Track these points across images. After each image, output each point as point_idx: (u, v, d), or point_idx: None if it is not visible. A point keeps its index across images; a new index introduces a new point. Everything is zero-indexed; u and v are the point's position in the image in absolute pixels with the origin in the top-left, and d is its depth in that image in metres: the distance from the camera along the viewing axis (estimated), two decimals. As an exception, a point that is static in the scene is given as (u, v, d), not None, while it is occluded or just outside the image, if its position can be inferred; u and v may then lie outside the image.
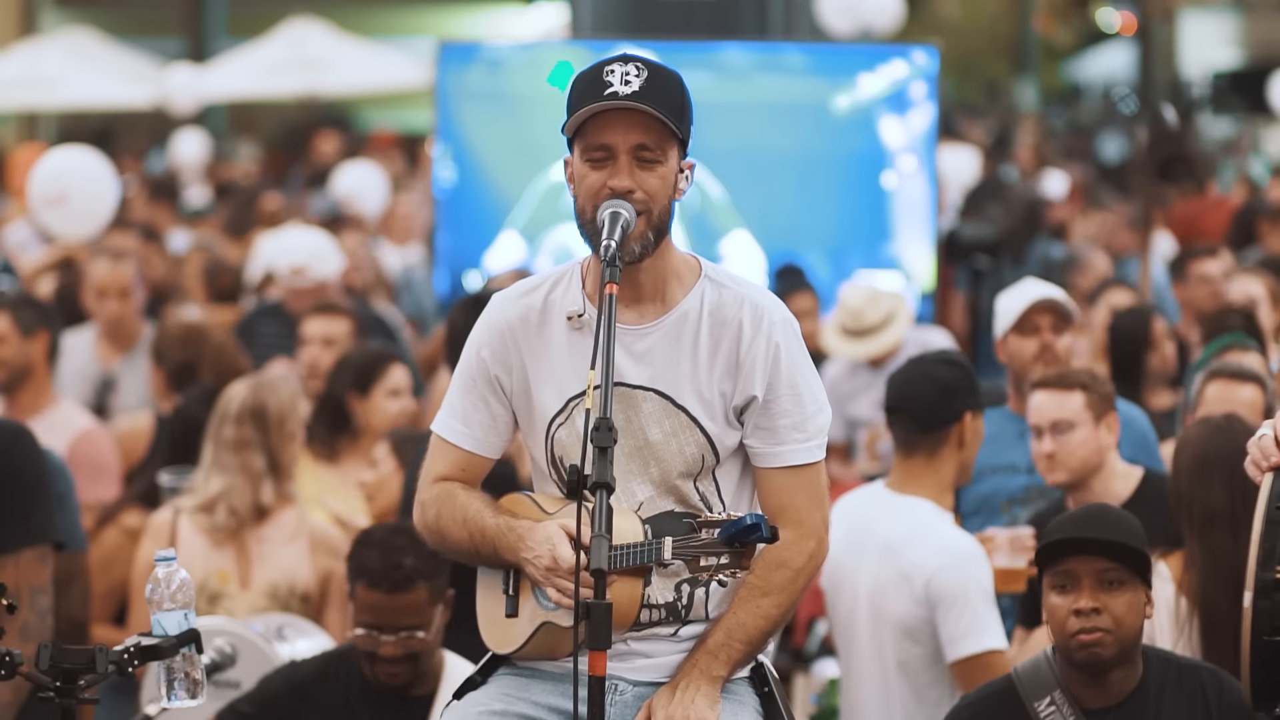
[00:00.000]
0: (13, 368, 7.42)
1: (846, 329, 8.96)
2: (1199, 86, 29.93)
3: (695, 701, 3.94)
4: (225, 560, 6.20)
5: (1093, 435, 5.68)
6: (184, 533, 6.22)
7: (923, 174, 11.07)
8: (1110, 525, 4.63)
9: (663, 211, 3.96)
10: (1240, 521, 5.03)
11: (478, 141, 11.12)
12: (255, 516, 6.23)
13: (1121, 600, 4.55)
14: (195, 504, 6.25)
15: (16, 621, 4.85)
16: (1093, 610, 4.54)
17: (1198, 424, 5.39)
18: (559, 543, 3.87)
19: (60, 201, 10.03)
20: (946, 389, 5.50)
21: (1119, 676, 4.60)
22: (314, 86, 20.76)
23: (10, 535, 5.22)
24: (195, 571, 6.17)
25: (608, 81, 3.91)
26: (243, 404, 6.29)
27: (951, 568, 5.37)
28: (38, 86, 20.65)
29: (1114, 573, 4.57)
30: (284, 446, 6.31)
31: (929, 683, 5.46)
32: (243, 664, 5.48)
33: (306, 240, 9.85)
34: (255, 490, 6.22)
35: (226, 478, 6.23)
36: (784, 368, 4.03)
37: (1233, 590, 5.00)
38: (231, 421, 6.26)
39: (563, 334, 4.05)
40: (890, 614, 5.46)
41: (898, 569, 5.42)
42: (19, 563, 5.20)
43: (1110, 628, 4.54)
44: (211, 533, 6.20)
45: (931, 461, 5.49)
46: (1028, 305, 6.47)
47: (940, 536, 5.45)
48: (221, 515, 6.20)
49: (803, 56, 11.66)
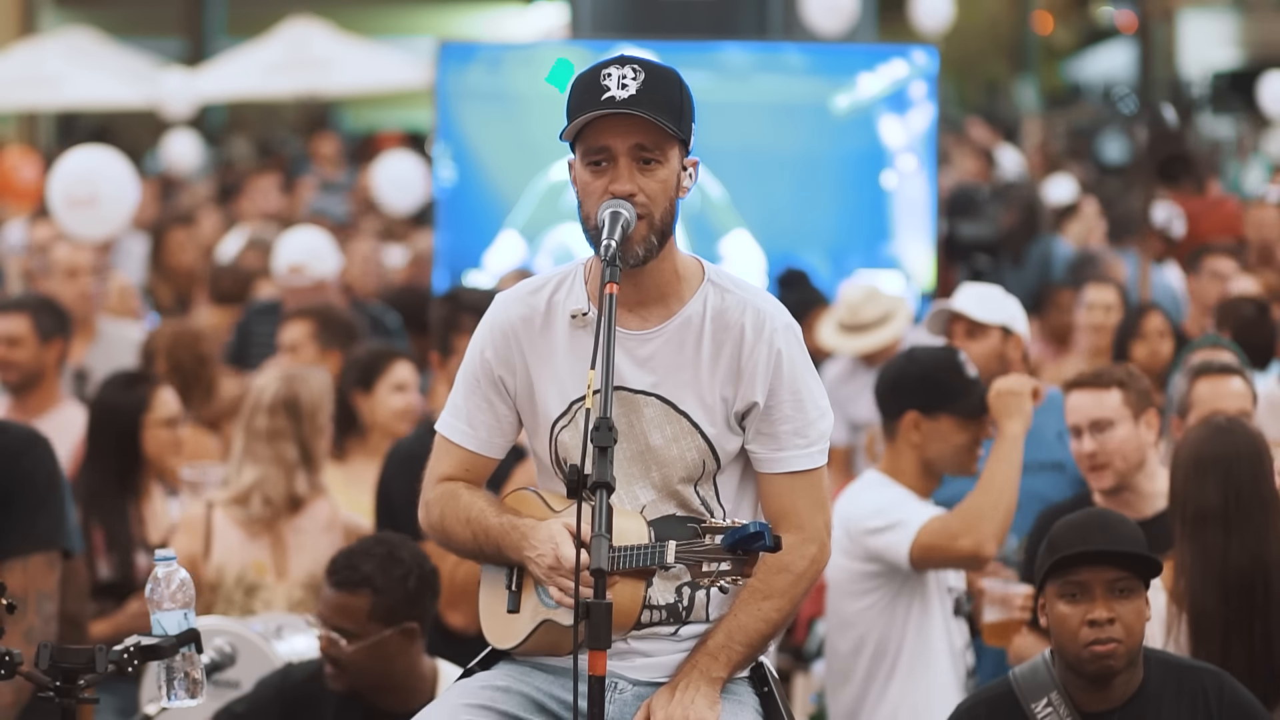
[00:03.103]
0: (27, 371, 7.44)
1: (843, 324, 8.95)
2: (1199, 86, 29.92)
3: (695, 702, 3.94)
4: (261, 552, 6.21)
5: (1133, 433, 5.64)
6: (219, 525, 6.24)
7: (922, 174, 11.07)
8: (1116, 533, 4.62)
9: (664, 214, 3.95)
10: (1233, 523, 5.03)
11: (478, 141, 11.12)
12: (290, 507, 6.25)
13: (1132, 609, 4.56)
14: (229, 496, 6.26)
15: (21, 625, 4.89)
16: (1108, 621, 4.54)
17: (1199, 424, 5.38)
18: (562, 541, 3.87)
19: (88, 203, 10.03)
20: (892, 383, 5.72)
21: (1122, 681, 4.60)
22: (314, 86, 20.75)
23: (20, 540, 5.22)
24: (232, 564, 6.20)
25: (605, 85, 3.90)
26: (275, 395, 6.31)
27: (862, 508, 5.58)
28: (37, 86, 20.64)
29: (1125, 582, 4.57)
30: (316, 438, 6.33)
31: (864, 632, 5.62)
32: (242, 664, 5.48)
33: (305, 239, 9.84)
34: (289, 480, 6.24)
35: (260, 468, 6.24)
36: (786, 373, 4.03)
37: (1221, 591, 5.01)
38: (264, 412, 6.28)
39: (565, 335, 4.05)
40: (835, 575, 5.63)
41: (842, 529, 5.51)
42: (27, 567, 5.19)
43: (1122, 637, 4.55)
44: (247, 524, 6.22)
45: (892, 447, 5.69)
46: (939, 318, 6.51)
47: (859, 493, 5.64)
48: (256, 506, 6.22)
49: (803, 56, 11.67)
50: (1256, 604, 4.99)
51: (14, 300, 7.87)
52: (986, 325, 6.40)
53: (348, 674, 5.13)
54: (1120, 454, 5.63)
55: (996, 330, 6.41)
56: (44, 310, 7.62)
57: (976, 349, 6.35)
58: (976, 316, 6.40)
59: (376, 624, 5.11)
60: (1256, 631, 4.99)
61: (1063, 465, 6.31)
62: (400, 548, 5.16)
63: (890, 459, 5.72)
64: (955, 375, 5.67)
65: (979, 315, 6.41)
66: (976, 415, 5.63)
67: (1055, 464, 6.35)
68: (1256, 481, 5.09)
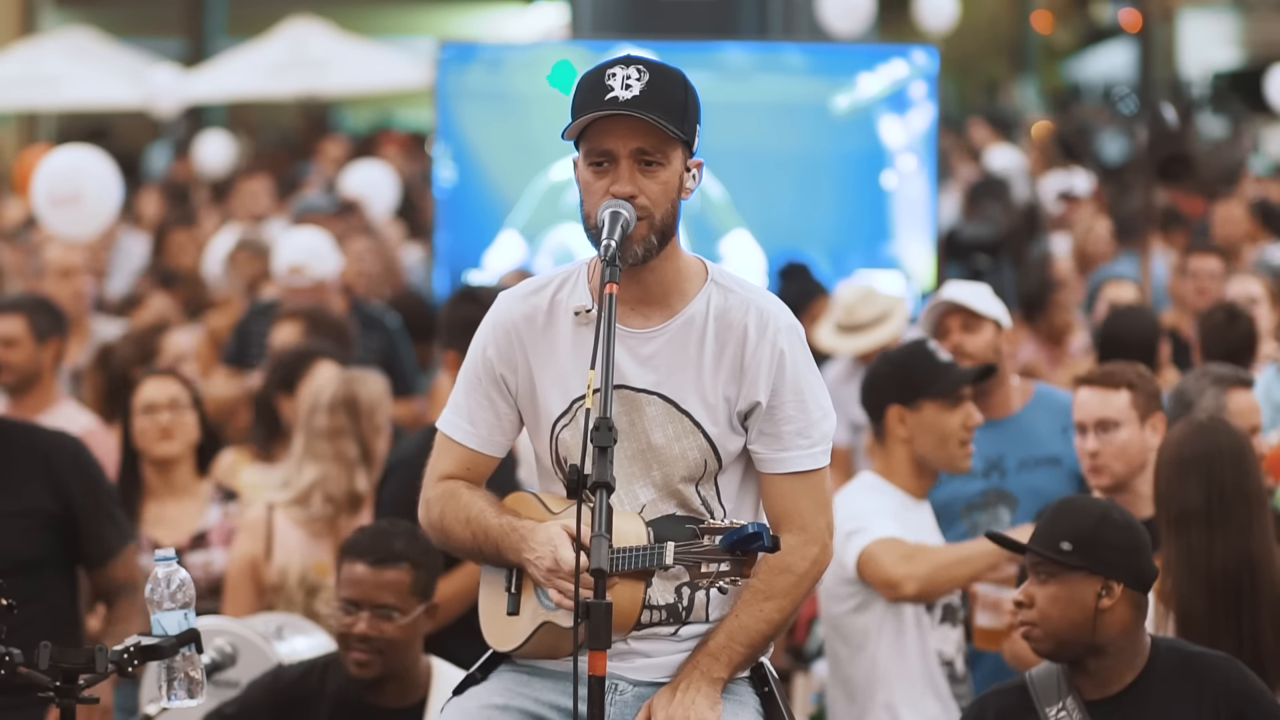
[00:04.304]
0: (22, 372, 7.43)
1: (840, 325, 8.95)
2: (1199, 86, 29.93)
3: (695, 702, 3.94)
4: (323, 552, 6.23)
5: (1138, 435, 5.65)
6: (280, 527, 6.26)
7: (922, 174, 11.07)
8: (1048, 522, 4.66)
9: (666, 215, 3.95)
10: (1216, 522, 5.04)
11: (478, 141, 11.13)
12: (350, 506, 6.26)
13: (1047, 593, 4.58)
14: (289, 498, 6.28)
15: (136, 606, 5.47)
16: (1023, 603, 4.62)
17: (1181, 423, 5.40)
18: (561, 544, 3.87)
19: (72, 201, 10.03)
20: (870, 385, 5.78)
21: (1098, 667, 4.60)
22: (314, 86, 20.74)
23: (112, 538, 5.64)
24: (293, 565, 6.21)
25: (609, 86, 3.91)
26: (335, 394, 6.35)
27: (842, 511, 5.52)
28: (38, 86, 20.64)
29: (1043, 566, 4.61)
30: (374, 437, 6.36)
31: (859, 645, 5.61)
32: (243, 664, 5.48)
33: (305, 239, 9.84)
34: (350, 478, 6.26)
35: (320, 466, 6.27)
36: (788, 374, 4.03)
37: (1207, 590, 5.02)
38: (324, 411, 6.31)
39: (568, 334, 4.05)
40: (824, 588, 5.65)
41: None
42: (125, 559, 5.64)
43: (1035, 620, 4.59)
44: (309, 524, 6.24)
45: (883, 448, 5.73)
46: (934, 312, 6.51)
47: (854, 500, 5.63)
48: (317, 505, 6.24)
49: (803, 56, 11.68)
50: (1243, 601, 5.02)
51: (9, 301, 7.86)
52: (983, 318, 6.41)
53: (385, 657, 5.15)
54: (1122, 456, 5.64)
55: (991, 323, 6.42)
56: (40, 310, 7.61)
57: (974, 342, 6.36)
58: (976, 307, 6.41)
59: (415, 599, 5.17)
60: (1243, 629, 5.00)
61: (1059, 460, 6.32)
62: (409, 525, 5.18)
63: (883, 460, 5.74)
64: (926, 360, 5.71)
65: (978, 306, 6.42)
66: (955, 395, 5.65)
67: (1051, 459, 6.35)
68: (1239, 479, 5.11)
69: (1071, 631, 4.57)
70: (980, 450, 5.97)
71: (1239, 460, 5.13)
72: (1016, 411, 6.45)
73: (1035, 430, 6.40)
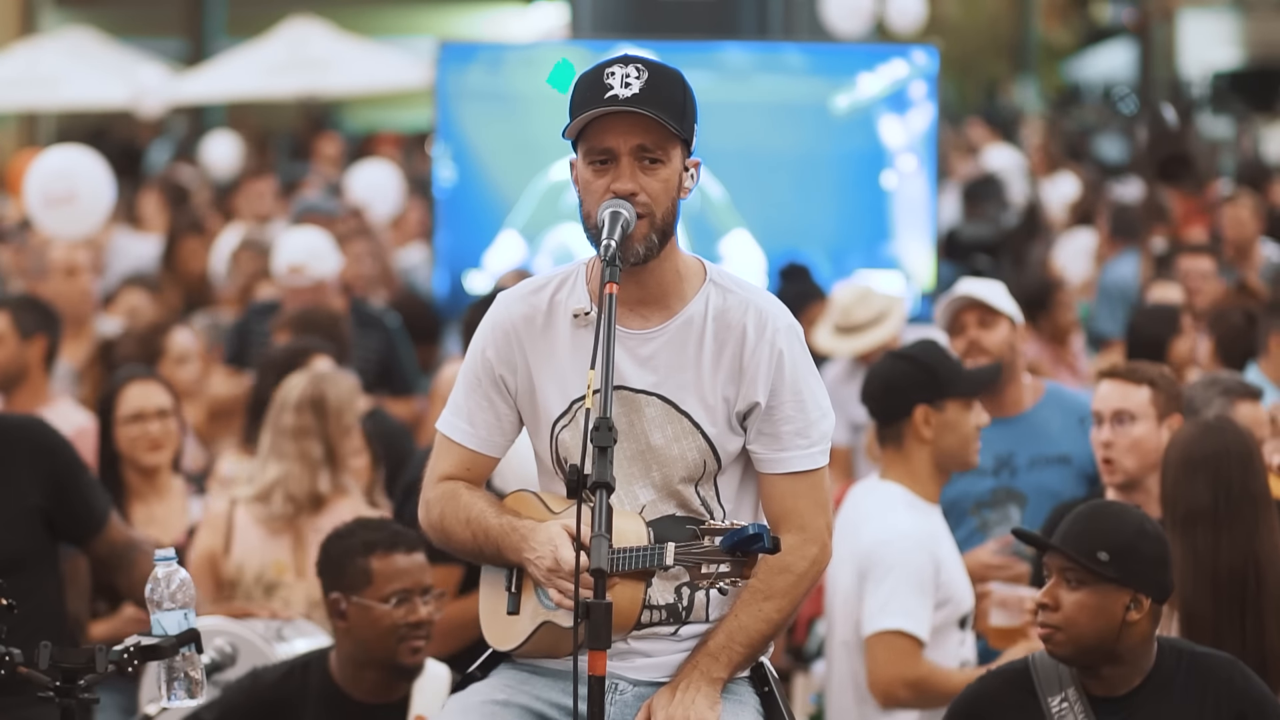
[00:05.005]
0: (7, 371, 7.42)
1: (837, 326, 8.95)
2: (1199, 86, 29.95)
3: (695, 702, 3.94)
4: (282, 550, 6.21)
5: (1153, 432, 5.64)
6: (240, 522, 6.24)
7: (922, 174, 11.07)
8: (1094, 526, 4.62)
9: (666, 214, 3.96)
10: (1223, 522, 5.04)
11: (478, 141, 11.12)
12: (312, 506, 6.25)
13: (1074, 599, 4.56)
14: (252, 493, 6.27)
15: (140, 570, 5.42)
16: (1047, 606, 4.58)
17: (1189, 423, 5.40)
18: (561, 544, 3.87)
19: (67, 201, 10.03)
20: (890, 384, 5.60)
21: (1112, 673, 4.60)
22: (314, 86, 20.74)
23: (101, 500, 5.65)
24: (251, 562, 6.20)
25: (608, 84, 3.91)
26: (302, 393, 6.33)
27: (886, 544, 5.44)
28: (37, 86, 20.63)
29: (1072, 572, 4.58)
30: (341, 438, 6.33)
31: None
32: (243, 664, 5.48)
33: (305, 239, 9.83)
34: (313, 478, 6.24)
35: (284, 465, 6.25)
36: (787, 374, 4.03)
37: (1212, 589, 5.02)
38: (291, 409, 6.30)
39: (567, 334, 4.05)
40: (839, 591, 5.55)
41: (849, 548, 5.45)
42: (114, 521, 5.64)
43: (1059, 624, 4.56)
44: (268, 522, 6.22)
45: (900, 451, 5.59)
46: (951, 307, 6.50)
47: (885, 516, 5.51)
48: (278, 503, 6.22)
49: (803, 56, 11.67)
50: (1248, 601, 5.02)
51: None
52: (999, 314, 6.41)
53: (430, 641, 5.20)
54: (1134, 451, 5.63)
55: (1006, 319, 6.42)
56: (24, 307, 7.59)
57: (990, 338, 6.35)
58: (992, 303, 6.41)
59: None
60: (1248, 629, 5.01)
61: (1069, 458, 6.31)
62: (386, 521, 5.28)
63: (900, 463, 5.60)
64: (948, 360, 5.67)
65: (995, 302, 6.42)
66: (976, 394, 5.63)
67: (1061, 457, 6.35)
68: (1247, 480, 5.11)
69: (1095, 640, 4.56)
70: (991, 448, 5.96)
71: (1247, 461, 5.14)
72: (1028, 409, 6.44)
73: (1046, 428, 6.39)
